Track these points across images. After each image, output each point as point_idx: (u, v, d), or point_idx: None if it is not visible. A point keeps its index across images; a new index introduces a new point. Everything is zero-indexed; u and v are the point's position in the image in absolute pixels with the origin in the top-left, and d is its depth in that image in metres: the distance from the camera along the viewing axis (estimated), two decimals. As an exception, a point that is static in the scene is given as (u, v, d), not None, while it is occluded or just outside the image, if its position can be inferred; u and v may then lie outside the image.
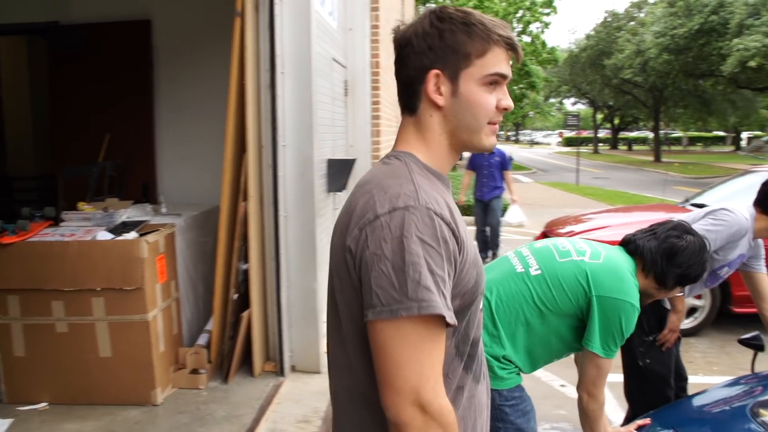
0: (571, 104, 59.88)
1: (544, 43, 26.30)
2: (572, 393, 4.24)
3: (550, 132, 73.39)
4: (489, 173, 9.02)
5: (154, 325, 3.93)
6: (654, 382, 3.28)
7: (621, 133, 56.19)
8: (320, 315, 4.63)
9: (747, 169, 8.05)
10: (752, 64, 21.34)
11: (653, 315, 3.30)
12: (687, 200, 7.69)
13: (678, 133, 57.81)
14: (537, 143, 65.92)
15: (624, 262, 2.52)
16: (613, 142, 55.19)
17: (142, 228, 4.20)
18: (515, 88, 26.54)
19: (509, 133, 78.34)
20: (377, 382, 1.24)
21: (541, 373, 5.01)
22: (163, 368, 4.05)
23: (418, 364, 1.21)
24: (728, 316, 6.31)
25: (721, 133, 57.81)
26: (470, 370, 1.42)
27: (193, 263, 4.69)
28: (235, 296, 4.43)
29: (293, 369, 4.52)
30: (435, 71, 1.34)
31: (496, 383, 2.33)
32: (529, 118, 62.73)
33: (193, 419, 3.80)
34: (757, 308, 3.46)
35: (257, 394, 4.15)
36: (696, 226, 3.10)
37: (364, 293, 1.24)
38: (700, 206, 6.77)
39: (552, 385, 5.06)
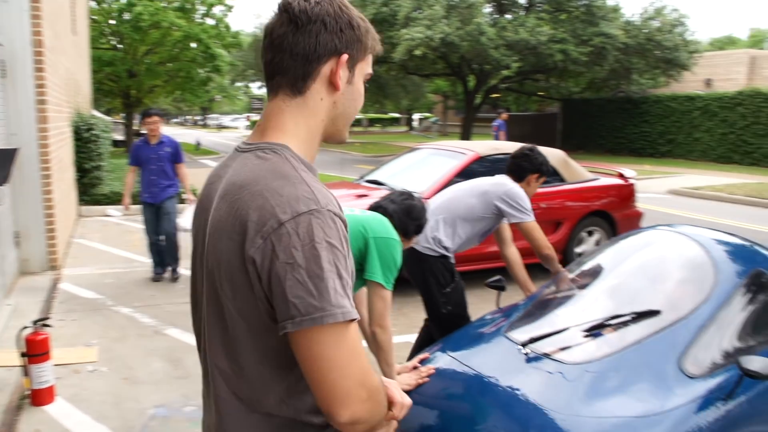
0: (257, 88, 60.61)
1: (228, 27, 26.13)
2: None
3: (237, 116, 73.33)
4: (159, 168, 7.15)
5: None
6: (456, 323, 3.85)
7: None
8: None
9: (413, 146, 8.90)
10: (418, 52, 23.47)
11: (446, 270, 4.00)
12: (362, 177, 8.29)
13: (359, 115, 61.60)
14: (225, 127, 65.43)
15: (381, 216, 3.06)
16: (302, 125, 57.12)
17: None
18: (200, 71, 26.08)
19: (196, 118, 76.86)
20: (315, 395, 1.23)
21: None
22: None
23: (357, 360, 1.22)
24: (401, 281, 6.90)
25: (397, 115, 62.95)
26: None
27: None
28: None
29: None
30: (346, 55, 1.33)
31: None
32: (216, 102, 62.19)
33: None
34: (500, 252, 4.27)
35: None
36: (505, 193, 3.97)
37: (276, 305, 1.21)
38: (374, 182, 7.40)
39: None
